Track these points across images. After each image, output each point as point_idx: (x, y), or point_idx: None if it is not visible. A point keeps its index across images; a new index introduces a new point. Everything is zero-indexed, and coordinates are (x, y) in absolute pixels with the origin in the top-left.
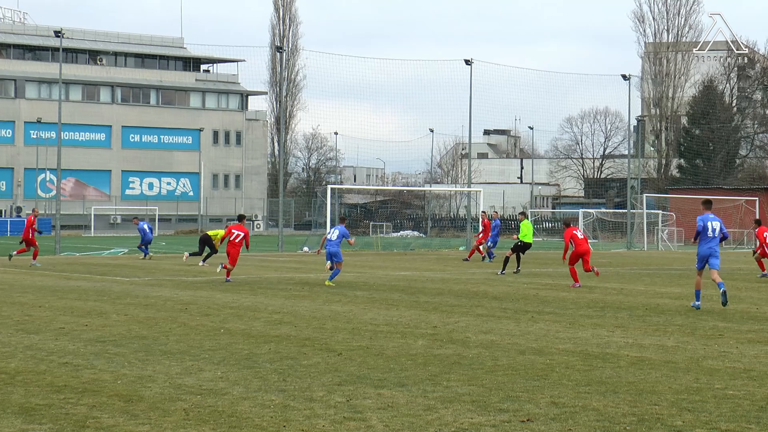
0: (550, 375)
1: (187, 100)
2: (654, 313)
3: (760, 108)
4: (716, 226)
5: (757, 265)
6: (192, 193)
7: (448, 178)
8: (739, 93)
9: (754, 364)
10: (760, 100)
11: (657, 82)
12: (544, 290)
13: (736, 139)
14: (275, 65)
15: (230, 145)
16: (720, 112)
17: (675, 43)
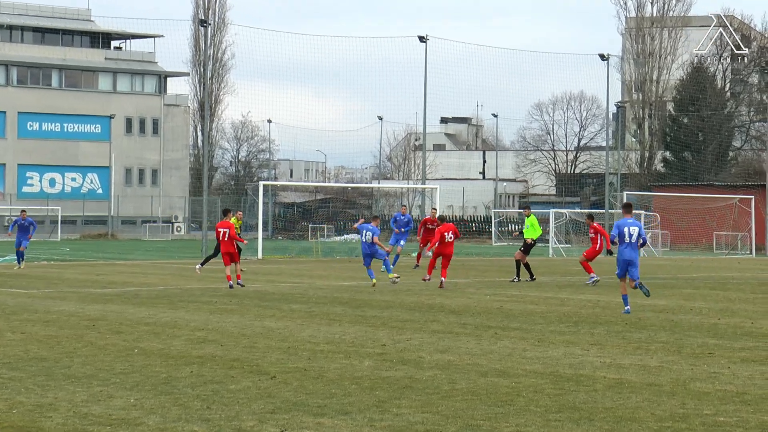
0: (515, 400)
1: (95, 82)
2: (635, 328)
3: (757, 93)
4: (634, 231)
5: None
6: (101, 190)
7: (400, 174)
8: (732, 76)
9: (747, 387)
10: (756, 83)
11: (639, 62)
12: (510, 303)
13: (729, 129)
14: (198, 42)
15: (146, 135)
16: (711, 97)
17: (660, 18)
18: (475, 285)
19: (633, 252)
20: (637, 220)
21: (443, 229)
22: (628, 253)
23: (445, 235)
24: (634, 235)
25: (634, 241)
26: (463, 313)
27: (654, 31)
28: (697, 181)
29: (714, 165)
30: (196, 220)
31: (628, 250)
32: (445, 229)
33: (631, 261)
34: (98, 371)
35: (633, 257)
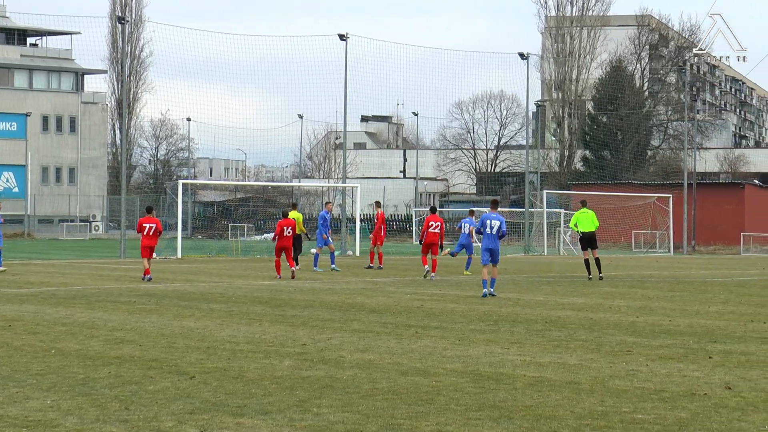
0: (436, 399)
1: (10, 80)
2: (554, 326)
3: (675, 92)
4: (495, 224)
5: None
6: (17, 189)
7: (320, 172)
8: (651, 75)
9: (665, 384)
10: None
11: (559, 61)
12: (430, 301)
13: (647, 128)
14: (116, 39)
15: (63, 133)
16: (629, 96)
17: (580, 18)
18: (396, 284)
19: (493, 242)
20: (501, 216)
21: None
22: (489, 243)
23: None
24: (495, 227)
25: (494, 232)
26: (384, 312)
27: (574, 31)
28: (616, 179)
29: (632, 164)
30: (114, 219)
31: (489, 240)
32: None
33: (491, 250)
34: (14, 372)
35: (493, 246)
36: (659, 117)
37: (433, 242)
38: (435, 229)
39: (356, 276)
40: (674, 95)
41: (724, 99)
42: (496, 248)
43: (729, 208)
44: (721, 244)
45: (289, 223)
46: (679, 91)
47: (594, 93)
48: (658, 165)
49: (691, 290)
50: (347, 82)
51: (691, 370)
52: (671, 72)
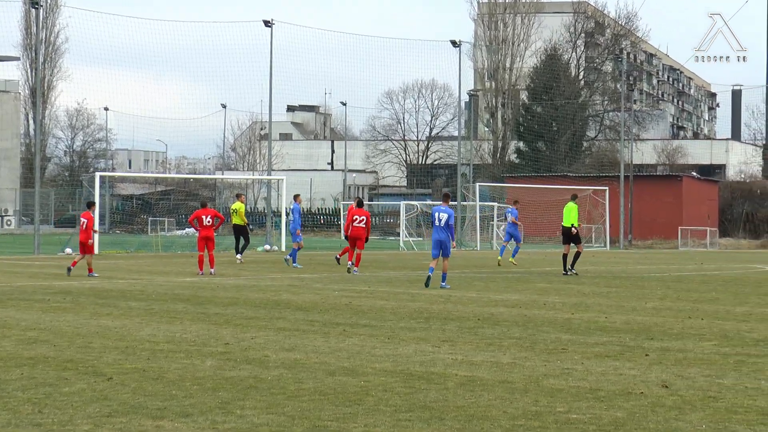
0: (364, 400)
1: None
2: (487, 324)
3: (611, 81)
4: (443, 217)
5: None
6: None
7: (245, 164)
8: (586, 64)
9: (601, 383)
10: (610, 72)
11: (492, 49)
12: (359, 298)
13: (583, 118)
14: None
15: None
16: (565, 86)
17: (513, 4)
18: (323, 280)
19: (442, 234)
20: (450, 209)
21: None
22: (437, 235)
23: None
24: (443, 220)
25: (442, 225)
26: (311, 309)
27: (507, 17)
28: (550, 171)
29: (568, 155)
30: (27, 214)
31: (437, 233)
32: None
33: (441, 242)
34: None
35: (442, 238)
36: (595, 107)
37: (358, 236)
38: (360, 223)
39: (282, 272)
40: (611, 85)
41: (662, 89)
42: (444, 240)
43: (667, 201)
44: (658, 238)
45: (207, 212)
46: (615, 81)
47: (528, 82)
48: (594, 157)
49: (627, 286)
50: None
51: (628, 369)
52: (608, 61)
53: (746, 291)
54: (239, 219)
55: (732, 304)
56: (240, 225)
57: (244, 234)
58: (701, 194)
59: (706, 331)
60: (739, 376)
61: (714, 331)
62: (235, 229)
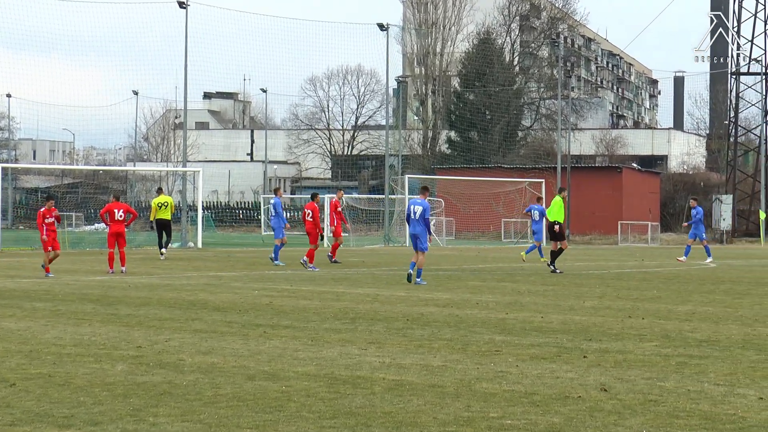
0: (286, 406)
1: None
2: (417, 324)
3: (547, 67)
4: (418, 210)
5: None
6: None
7: (158, 155)
8: (521, 49)
9: (537, 387)
10: (546, 57)
11: (422, 33)
12: (280, 298)
13: (518, 107)
14: None
15: None
16: (499, 72)
17: None
18: (243, 279)
19: (417, 228)
20: (426, 202)
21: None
22: (413, 229)
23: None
24: (417, 213)
25: (417, 218)
26: (229, 310)
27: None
28: (484, 163)
29: (502, 146)
30: None
31: (413, 226)
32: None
33: (416, 235)
34: None
35: (417, 232)
36: (531, 95)
37: (308, 232)
38: (308, 218)
39: (198, 270)
40: (547, 71)
41: (601, 75)
42: (420, 234)
43: (606, 195)
44: (597, 233)
45: (119, 206)
46: (552, 67)
47: (460, 68)
48: (530, 147)
49: (564, 284)
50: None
51: (565, 371)
52: (544, 45)
53: (689, 289)
54: (166, 213)
55: (674, 303)
56: (166, 220)
57: (167, 229)
58: (642, 187)
59: (647, 332)
60: (681, 378)
61: (655, 332)
62: (160, 224)
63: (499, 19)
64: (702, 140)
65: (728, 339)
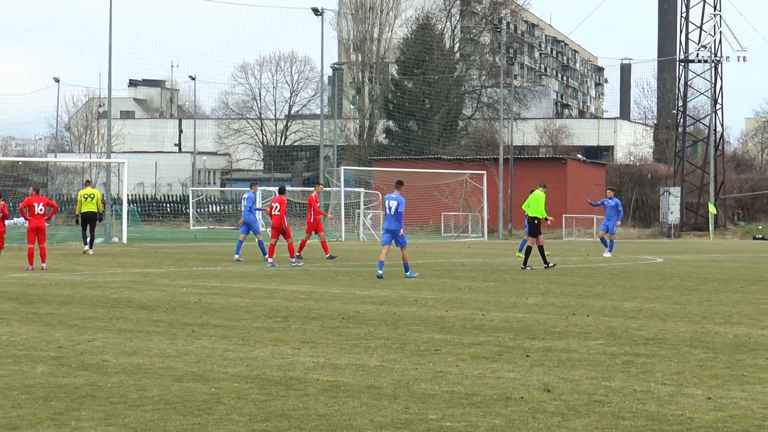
0: (215, 408)
1: None
2: (353, 323)
3: (489, 54)
4: (392, 204)
5: None
6: None
7: (81, 146)
8: (462, 35)
9: (477, 387)
10: (488, 44)
11: (358, 18)
12: (210, 295)
13: (458, 95)
14: None
15: None
16: (438, 59)
17: None
18: (170, 275)
19: (392, 223)
20: (400, 196)
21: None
22: (388, 224)
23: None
24: (392, 208)
25: (392, 213)
26: (156, 308)
27: None
28: (423, 154)
29: (442, 136)
30: None
31: (388, 221)
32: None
33: (390, 230)
34: None
35: (392, 227)
36: (472, 83)
37: (274, 226)
38: (276, 211)
39: (123, 267)
40: (489, 58)
41: (545, 62)
42: (395, 229)
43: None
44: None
45: (39, 200)
46: (494, 54)
47: (398, 55)
48: (471, 137)
49: (507, 280)
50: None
51: (507, 371)
52: (485, 31)
53: (635, 285)
54: (93, 205)
55: (620, 300)
56: (93, 212)
57: (93, 223)
58: (587, 179)
59: (591, 329)
60: (627, 377)
61: (600, 329)
62: (86, 217)
63: (438, 4)
64: (649, 130)
65: (676, 337)
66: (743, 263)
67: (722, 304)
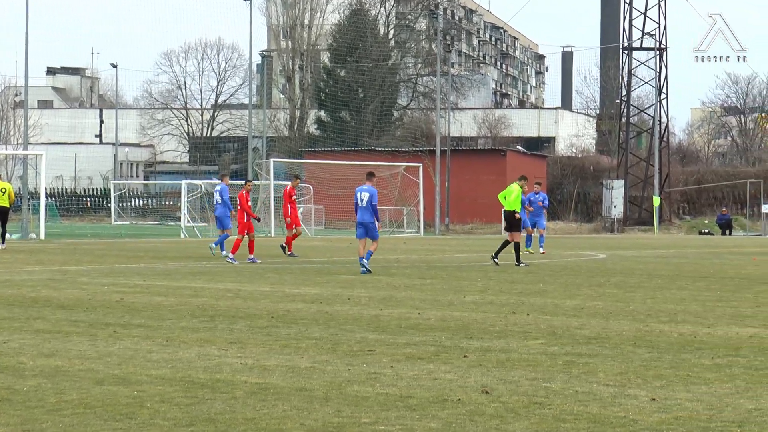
0: (138, 413)
1: None
2: (282, 322)
3: (425, 42)
4: (365, 197)
5: None
6: None
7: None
8: (397, 21)
9: (412, 389)
10: (424, 30)
11: (288, 3)
12: (133, 294)
13: (393, 84)
14: None
15: None
16: (372, 46)
17: None
18: (91, 273)
19: (365, 215)
20: (372, 187)
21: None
22: (361, 216)
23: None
24: (364, 200)
25: (365, 205)
26: (75, 307)
27: None
28: (356, 145)
29: (376, 126)
30: None
31: (360, 213)
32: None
33: (364, 223)
34: None
35: (365, 220)
36: (407, 71)
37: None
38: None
39: (41, 264)
40: (425, 45)
41: (483, 50)
42: (368, 222)
43: (489, 179)
44: (479, 221)
45: None
46: (430, 41)
47: (330, 42)
48: (407, 128)
49: (444, 277)
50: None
51: (443, 372)
52: (421, 17)
53: (577, 282)
54: (5, 200)
55: (561, 297)
56: (5, 207)
57: (5, 217)
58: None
59: (532, 328)
60: (568, 378)
61: (541, 328)
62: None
63: None
64: (592, 121)
65: (619, 336)
66: (689, 259)
67: (667, 302)
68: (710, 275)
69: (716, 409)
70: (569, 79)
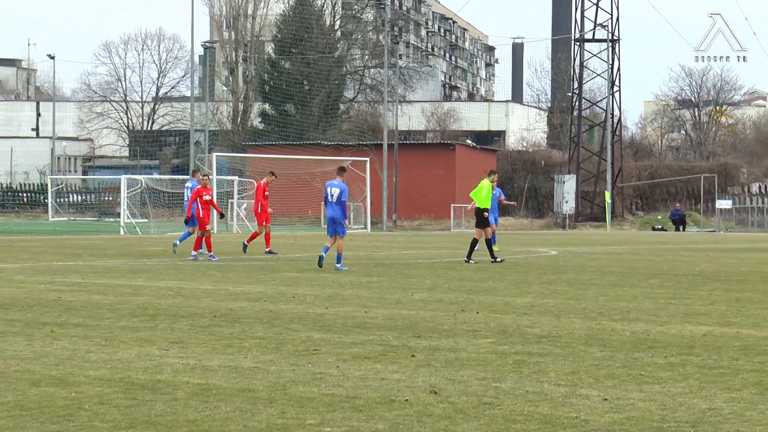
0: (76, 415)
1: None
2: (225, 321)
3: (372, 33)
4: (335, 192)
5: None
6: None
7: None
8: (343, 11)
9: (359, 390)
10: (371, 21)
11: None
12: (70, 292)
13: (340, 76)
14: None
15: None
16: (318, 37)
17: None
18: (27, 271)
19: (335, 211)
20: (343, 183)
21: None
22: (330, 212)
23: None
24: (335, 195)
25: (334, 200)
26: (11, 306)
27: None
28: (302, 139)
29: (322, 120)
30: None
31: (330, 209)
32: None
33: (333, 219)
34: None
35: (335, 215)
36: (354, 63)
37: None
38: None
39: None
40: (372, 36)
41: (432, 41)
42: (338, 217)
43: (437, 174)
44: (428, 217)
45: None
46: (377, 32)
47: (275, 33)
48: (353, 122)
49: (391, 275)
50: None
51: (391, 372)
52: (368, 8)
53: (528, 279)
54: None
55: (512, 295)
56: None
57: None
58: (477, 166)
59: (481, 327)
60: (518, 378)
61: (490, 327)
62: None
63: None
64: (543, 114)
65: (570, 334)
66: (641, 256)
67: (619, 300)
68: (663, 272)
69: (669, 408)
70: (520, 72)
